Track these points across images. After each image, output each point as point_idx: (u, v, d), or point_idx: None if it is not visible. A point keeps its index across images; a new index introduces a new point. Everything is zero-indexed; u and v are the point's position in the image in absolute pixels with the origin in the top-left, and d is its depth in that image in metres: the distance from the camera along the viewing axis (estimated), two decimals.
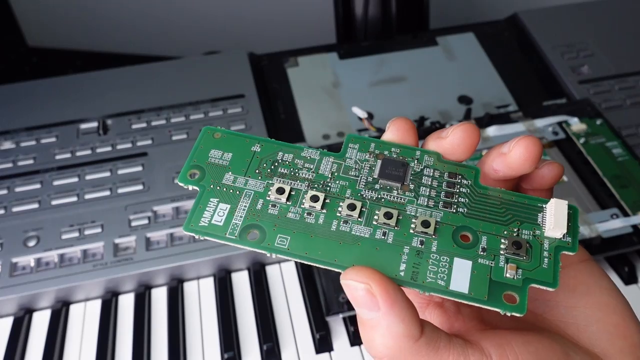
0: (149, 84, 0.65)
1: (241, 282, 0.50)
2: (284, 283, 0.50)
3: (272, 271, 0.51)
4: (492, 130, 0.55)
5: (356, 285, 0.20)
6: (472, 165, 0.24)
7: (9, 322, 0.48)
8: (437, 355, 0.20)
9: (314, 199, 0.23)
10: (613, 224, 0.47)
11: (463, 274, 0.21)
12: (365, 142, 0.25)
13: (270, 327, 0.46)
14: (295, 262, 0.51)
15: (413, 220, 0.22)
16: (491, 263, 0.21)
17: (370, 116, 0.59)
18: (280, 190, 0.23)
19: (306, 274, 0.49)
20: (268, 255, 0.22)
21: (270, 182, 0.23)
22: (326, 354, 0.45)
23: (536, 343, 0.21)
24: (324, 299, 0.46)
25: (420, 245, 0.22)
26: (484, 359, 0.20)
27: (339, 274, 0.21)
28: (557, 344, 0.21)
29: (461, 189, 0.23)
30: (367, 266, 0.21)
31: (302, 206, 0.23)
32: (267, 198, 0.23)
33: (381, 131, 0.53)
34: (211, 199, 0.23)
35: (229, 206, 0.23)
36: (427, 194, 0.23)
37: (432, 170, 0.24)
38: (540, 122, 0.56)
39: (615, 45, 0.66)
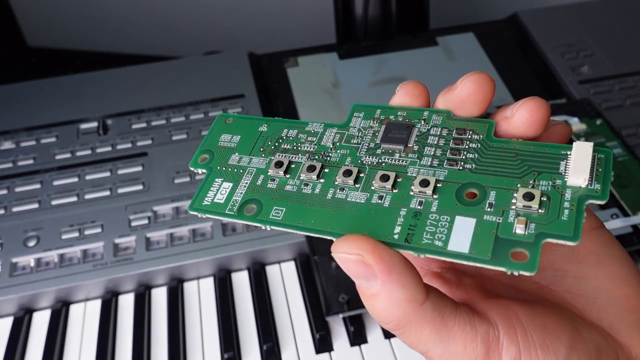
0: (149, 84, 0.65)
1: (241, 282, 0.50)
2: (284, 283, 0.50)
3: (272, 271, 0.51)
4: None
5: (349, 258, 0.19)
6: (485, 119, 0.22)
7: (9, 322, 0.48)
8: (442, 322, 0.19)
9: (311, 169, 0.22)
10: (613, 224, 0.47)
11: (464, 233, 0.19)
12: (371, 110, 0.24)
13: (270, 327, 0.46)
14: (295, 262, 0.51)
15: (413, 182, 0.21)
16: (499, 219, 0.19)
17: None
18: (279, 164, 0.23)
19: (306, 274, 0.49)
20: (262, 227, 0.21)
21: (272, 158, 0.23)
22: (326, 354, 0.45)
23: (543, 316, 0.20)
24: (324, 299, 0.46)
25: (419, 207, 0.20)
26: (490, 331, 0.19)
27: (340, 273, 0.20)
28: (565, 318, 0.20)
29: (470, 145, 0.21)
30: (358, 233, 0.19)
31: (300, 178, 0.22)
32: (268, 173, 0.23)
33: None
34: (216, 179, 0.23)
35: (231, 184, 0.23)
36: (432, 153, 0.22)
37: (439, 129, 0.22)
38: None
39: (615, 45, 0.66)
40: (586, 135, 0.55)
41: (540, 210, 0.19)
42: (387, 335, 0.45)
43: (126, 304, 0.49)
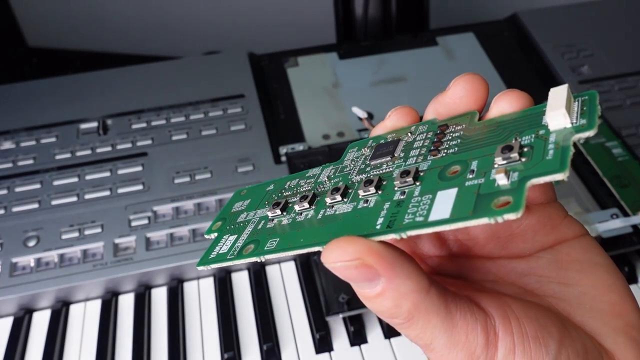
0: (149, 84, 0.65)
1: (241, 282, 0.50)
2: (284, 283, 0.50)
3: (272, 271, 0.51)
4: None
5: (348, 264, 0.18)
6: (467, 112, 0.21)
7: (9, 322, 0.48)
8: (447, 310, 0.18)
9: (303, 198, 0.23)
10: (613, 224, 0.47)
11: (446, 202, 0.18)
12: (364, 141, 0.25)
13: (270, 327, 0.46)
14: (295, 262, 0.51)
15: (395, 177, 0.21)
16: (480, 181, 0.18)
17: (370, 116, 0.59)
18: (277, 204, 0.24)
19: (306, 274, 0.49)
20: (258, 260, 0.22)
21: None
22: (326, 354, 0.45)
23: (535, 310, 0.19)
24: (324, 299, 0.46)
25: (402, 197, 0.19)
26: (488, 320, 0.19)
27: None
28: (555, 315, 0.20)
29: (454, 135, 0.21)
30: (342, 237, 0.18)
31: (295, 211, 0.23)
32: (268, 217, 0.24)
33: None
34: (224, 237, 0.25)
35: (235, 236, 0.24)
36: (417, 154, 0.21)
37: (425, 134, 0.22)
38: None
39: (615, 45, 0.66)
40: None
41: (522, 159, 0.18)
42: (387, 335, 0.45)
43: (126, 304, 0.49)
